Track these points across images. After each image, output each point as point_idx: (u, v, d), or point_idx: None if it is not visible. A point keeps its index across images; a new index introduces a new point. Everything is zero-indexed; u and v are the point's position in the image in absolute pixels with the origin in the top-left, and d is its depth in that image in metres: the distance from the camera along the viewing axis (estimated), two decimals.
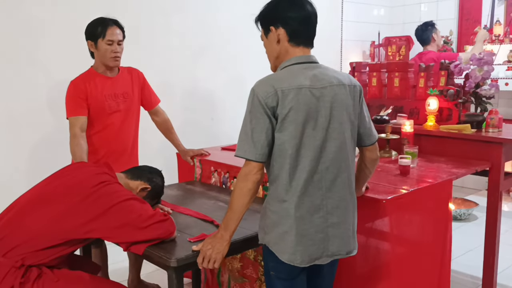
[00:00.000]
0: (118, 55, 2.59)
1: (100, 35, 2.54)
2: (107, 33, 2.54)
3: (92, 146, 2.58)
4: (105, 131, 2.61)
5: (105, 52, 2.55)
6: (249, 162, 1.60)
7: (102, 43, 2.54)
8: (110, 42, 2.54)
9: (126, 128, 2.70)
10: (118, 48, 2.58)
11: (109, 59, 2.57)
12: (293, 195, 1.59)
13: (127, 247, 1.75)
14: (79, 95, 2.53)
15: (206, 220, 2.09)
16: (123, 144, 2.70)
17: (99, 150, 2.61)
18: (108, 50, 2.55)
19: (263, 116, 1.57)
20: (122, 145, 2.70)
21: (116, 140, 2.65)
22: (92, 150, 2.57)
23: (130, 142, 2.74)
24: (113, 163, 2.32)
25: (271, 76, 1.66)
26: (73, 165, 1.99)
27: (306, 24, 1.67)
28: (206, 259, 1.67)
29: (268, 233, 1.66)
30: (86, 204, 1.74)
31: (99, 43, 2.55)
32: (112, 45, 2.55)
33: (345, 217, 1.67)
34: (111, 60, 2.57)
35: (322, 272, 1.77)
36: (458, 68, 2.89)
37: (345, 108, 1.65)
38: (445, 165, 2.55)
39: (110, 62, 2.58)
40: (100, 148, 2.62)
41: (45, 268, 1.72)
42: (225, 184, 2.70)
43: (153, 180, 2.08)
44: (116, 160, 2.52)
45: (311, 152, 1.59)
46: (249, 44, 4.62)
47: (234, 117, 4.53)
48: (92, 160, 2.52)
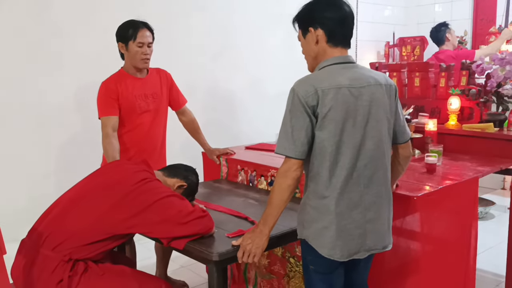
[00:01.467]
0: (148, 57, 2.65)
1: (131, 37, 2.61)
2: (138, 36, 2.60)
3: (123, 145, 2.64)
4: (136, 130, 2.68)
5: (136, 54, 2.61)
6: (288, 159, 1.65)
7: (133, 45, 2.61)
8: (140, 44, 2.61)
9: (156, 128, 2.76)
10: (147, 50, 2.64)
11: (139, 61, 2.63)
12: (333, 192, 1.64)
13: (168, 242, 1.81)
14: (110, 95, 2.60)
15: (239, 216, 2.14)
16: (152, 143, 2.77)
17: (130, 149, 2.68)
18: (138, 52, 2.61)
19: (303, 115, 1.62)
20: (152, 144, 2.76)
21: (146, 139, 2.72)
22: (123, 149, 2.63)
23: (159, 141, 2.81)
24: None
25: (310, 75, 1.71)
26: (113, 163, 2.05)
27: (344, 25, 1.72)
28: (246, 254, 1.72)
29: (307, 228, 1.71)
30: (128, 200, 1.80)
31: (130, 45, 2.62)
32: (142, 47, 2.61)
33: (382, 213, 1.72)
34: (141, 62, 2.64)
35: (358, 267, 1.82)
36: (480, 68, 2.93)
37: (382, 106, 1.70)
38: (470, 163, 2.59)
39: (140, 64, 2.65)
40: (131, 147, 2.68)
41: (90, 262, 1.79)
42: (252, 182, 2.75)
43: (189, 177, 2.13)
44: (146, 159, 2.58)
45: (350, 150, 1.64)
46: (268, 44, 4.70)
47: (253, 117, 4.61)
48: (123, 159, 2.57)
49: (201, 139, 2.99)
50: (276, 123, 4.40)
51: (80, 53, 3.49)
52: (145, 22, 2.68)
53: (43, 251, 1.75)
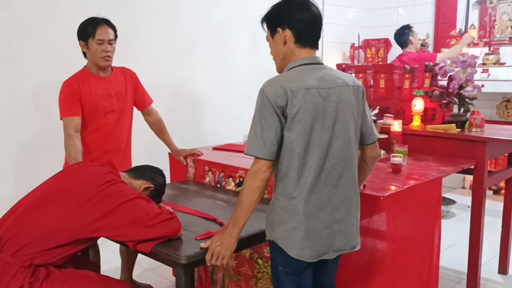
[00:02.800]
0: (109, 54, 2.58)
1: (91, 34, 2.53)
2: (97, 33, 2.53)
3: (86, 147, 2.57)
4: (100, 131, 2.61)
5: (96, 51, 2.54)
6: (258, 160, 1.64)
7: (93, 43, 2.54)
8: (100, 41, 2.53)
9: (120, 128, 2.70)
10: (109, 47, 2.57)
11: (100, 58, 2.56)
12: (302, 192, 1.64)
13: (134, 245, 1.77)
14: (73, 95, 2.52)
15: (207, 218, 2.12)
16: (117, 144, 2.70)
17: (93, 150, 2.61)
18: (98, 49, 2.54)
19: (272, 115, 1.62)
20: (117, 145, 2.70)
21: (110, 140, 2.65)
22: (86, 150, 2.56)
23: (124, 142, 2.75)
24: None
25: (280, 76, 1.70)
26: (77, 165, 1.99)
27: (312, 26, 1.73)
28: (214, 256, 1.70)
29: (276, 229, 1.71)
30: (93, 203, 1.74)
31: (90, 42, 2.54)
32: (102, 45, 2.54)
33: (350, 213, 1.74)
34: (102, 60, 2.56)
35: (327, 267, 1.83)
36: (443, 70, 3.01)
37: (349, 108, 1.71)
38: (433, 163, 2.65)
39: (101, 62, 2.57)
40: (94, 149, 2.61)
41: (52, 267, 1.73)
42: (220, 183, 2.73)
43: (156, 179, 2.09)
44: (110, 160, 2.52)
45: (318, 150, 1.65)
46: (235, 45, 4.68)
47: (219, 117, 4.58)
48: (86, 160, 2.50)
49: (168, 140, 2.94)
50: (243, 124, 4.42)
51: (41, 53, 3.37)
52: (105, 19, 2.60)
53: (3, 256, 1.68)
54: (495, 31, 5.05)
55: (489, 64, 4.84)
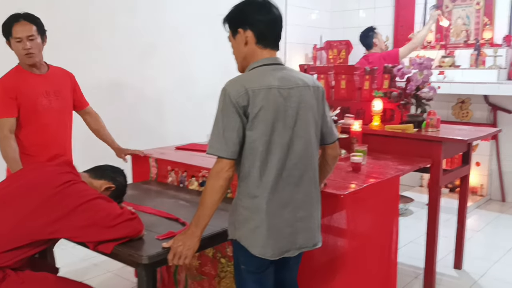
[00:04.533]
0: (31, 51, 2.44)
1: (9, 33, 2.43)
2: (13, 31, 2.42)
3: (28, 149, 2.50)
4: (40, 131, 2.52)
5: (17, 50, 2.45)
6: (220, 159, 1.65)
7: (13, 42, 2.44)
8: (18, 39, 2.42)
9: (62, 129, 2.64)
10: (29, 44, 2.42)
11: (23, 56, 2.45)
12: (264, 191, 1.66)
13: (94, 246, 1.74)
14: (8, 94, 2.42)
15: (170, 218, 2.11)
16: (61, 146, 2.64)
17: (37, 154, 2.52)
18: (19, 48, 2.43)
19: (234, 115, 1.63)
20: (60, 147, 2.63)
21: (53, 142, 2.58)
22: (28, 153, 2.49)
23: (67, 144, 2.69)
24: None
25: (241, 76, 1.72)
26: (33, 166, 1.94)
27: (273, 27, 1.75)
28: (177, 256, 1.70)
29: (239, 229, 1.72)
30: (51, 204, 1.71)
31: (11, 41, 2.45)
32: (21, 42, 2.42)
33: (312, 211, 1.77)
34: (25, 57, 2.45)
35: (288, 265, 1.85)
36: (401, 72, 3.10)
37: (310, 108, 1.74)
38: (391, 162, 2.72)
39: (25, 60, 2.47)
40: (37, 152, 2.52)
41: (9, 270, 1.68)
42: (183, 183, 2.72)
43: (117, 179, 2.07)
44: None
45: (280, 150, 1.67)
46: (197, 44, 4.66)
47: (181, 117, 4.55)
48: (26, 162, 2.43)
49: (109, 137, 2.89)
50: (205, 123, 4.39)
51: None
52: (25, 13, 2.46)
53: None
54: (450, 35, 5.23)
55: (445, 66, 5.01)
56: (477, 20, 5.08)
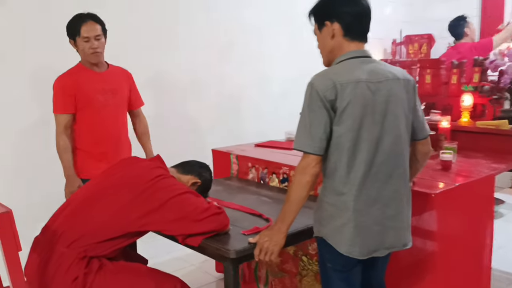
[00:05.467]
0: (98, 50, 2.55)
1: (77, 33, 2.52)
2: (81, 30, 2.50)
3: (83, 144, 2.61)
4: (96, 127, 2.61)
5: (84, 49, 2.53)
6: (307, 155, 1.62)
7: (80, 41, 2.52)
8: (86, 39, 2.51)
9: (117, 126, 2.70)
10: (95, 43, 2.53)
11: (89, 55, 2.55)
12: (351, 188, 1.62)
13: (183, 239, 1.79)
14: (67, 91, 2.53)
15: (253, 214, 2.12)
16: (116, 142, 2.70)
17: (92, 148, 2.62)
18: (86, 47, 2.52)
19: (321, 110, 1.60)
20: (115, 142, 2.69)
21: (108, 137, 2.65)
22: (84, 147, 2.61)
23: (121, 141, 2.74)
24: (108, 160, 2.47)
25: (328, 70, 1.68)
26: (128, 160, 2.02)
27: (361, 19, 1.70)
28: (263, 251, 1.69)
29: (324, 226, 1.69)
30: (143, 198, 1.77)
31: (78, 41, 2.54)
32: (89, 42, 2.51)
33: (401, 210, 1.70)
34: (91, 56, 2.55)
35: (376, 264, 1.79)
36: (494, 64, 2.91)
37: (400, 102, 1.67)
38: (484, 160, 2.56)
39: (91, 59, 2.56)
40: (92, 146, 2.62)
41: (104, 259, 1.77)
42: (263, 179, 2.72)
43: (203, 174, 2.11)
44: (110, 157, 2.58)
45: (368, 145, 1.61)
46: (274, 43, 4.66)
47: (258, 114, 4.58)
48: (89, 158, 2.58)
49: (149, 146, 2.91)
50: (280, 121, 4.40)
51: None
52: (91, 14, 2.56)
53: (59, 248, 1.73)
54: None
55: None
56: None
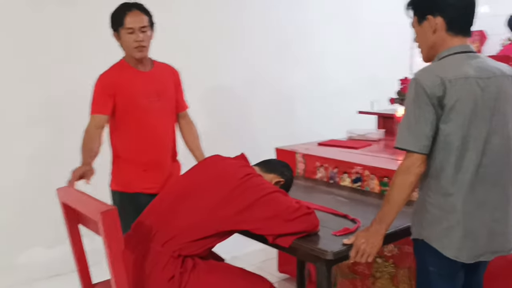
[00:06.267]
0: (143, 44, 2.26)
1: (121, 24, 2.24)
2: (125, 21, 2.23)
3: (127, 152, 2.36)
4: (140, 134, 2.33)
5: (128, 42, 2.25)
6: (411, 154, 1.56)
7: (124, 33, 2.24)
8: (131, 30, 2.23)
9: (163, 132, 2.42)
10: (141, 36, 2.24)
11: (133, 49, 2.26)
12: (460, 189, 1.55)
13: (273, 239, 1.75)
14: (106, 91, 2.27)
15: (337, 214, 2.06)
16: (163, 151, 2.42)
17: (136, 158, 2.35)
18: (130, 39, 2.23)
19: (428, 107, 1.53)
20: (163, 152, 2.42)
21: (155, 145, 2.37)
22: (129, 157, 2.35)
23: (170, 148, 2.46)
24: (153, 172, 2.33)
25: (432, 65, 1.62)
26: (215, 158, 1.99)
27: (467, 12, 1.62)
28: (360, 253, 1.64)
29: (426, 228, 1.62)
30: (235, 195, 1.74)
31: (121, 33, 2.25)
32: (133, 34, 2.23)
33: (508, 213, 1.62)
34: (135, 50, 2.26)
35: (478, 269, 1.72)
36: None
37: (509, 100, 1.60)
38: None
39: (134, 53, 2.27)
40: (138, 155, 2.35)
41: (197, 258, 1.75)
42: (333, 179, 2.66)
43: (285, 173, 2.07)
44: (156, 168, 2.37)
45: (477, 145, 1.55)
46: (329, 43, 4.61)
47: (313, 114, 4.53)
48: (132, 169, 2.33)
49: (200, 153, 2.55)
50: (333, 121, 4.33)
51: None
52: (136, 3, 2.30)
53: (154, 246, 1.71)
54: None
55: None
56: None
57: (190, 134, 2.57)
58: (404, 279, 2.35)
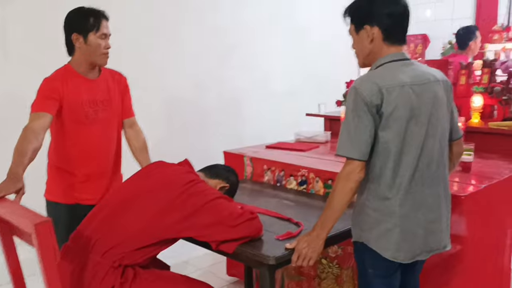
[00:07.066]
0: (109, 51, 2.24)
1: (93, 27, 2.17)
2: (102, 25, 2.18)
3: (68, 162, 2.23)
4: (82, 144, 2.23)
5: (98, 47, 2.18)
6: (351, 161, 1.59)
7: (95, 37, 2.17)
8: (103, 35, 2.19)
9: (107, 142, 2.31)
10: (109, 43, 2.23)
11: (100, 56, 2.20)
12: (397, 193, 1.60)
13: (217, 245, 1.74)
14: (52, 93, 2.13)
15: (281, 218, 2.08)
16: (105, 163, 2.31)
17: (76, 169, 2.23)
18: (101, 45, 2.18)
19: (366, 115, 1.57)
20: (104, 163, 2.30)
21: (96, 156, 2.26)
22: (67, 168, 2.23)
23: (112, 160, 2.34)
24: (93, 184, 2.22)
25: (370, 74, 1.65)
26: (157, 164, 1.95)
27: (402, 21, 1.67)
28: (301, 257, 1.66)
29: (366, 231, 1.66)
30: (178, 203, 1.72)
31: (91, 37, 2.17)
32: (104, 40, 2.20)
33: (442, 212, 1.69)
34: (102, 57, 2.21)
35: (414, 268, 1.78)
36: (505, 65, 2.93)
37: (442, 104, 1.66)
38: (501, 161, 2.58)
39: (101, 60, 2.22)
40: (77, 166, 2.23)
41: (138, 268, 1.70)
42: (280, 182, 2.69)
43: (230, 178, 2.06)
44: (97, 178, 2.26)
45: (413, 150, 1.60)
46: (273, 44, 4.64)
47: (258, 116, 4.55)
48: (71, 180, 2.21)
49: (147, 161, 2.41)
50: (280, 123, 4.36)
51: None
52: (102, 10, 2.24)
53: (93, 256, 1.66)
54: None
55: None
56: None
57: (137, 144, 2.44)
58: (348, 279, 2.40)
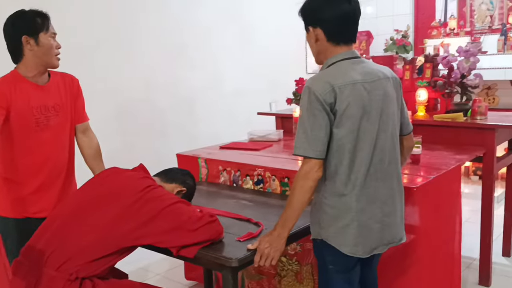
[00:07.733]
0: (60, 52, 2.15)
1: (43, 27, 2.07)
2: (50, 25, 2.10)
3: (17, 173, 2.11)
4: (33, 153, 2.12)
5: (50, 48, 2.09)
6: (309, 160, 1.61)
7: (46, 38, 2.08)
8: (54, 35, 2.11)
9: (59, 150, 2.21)
10: (59, 43, 2.15)
11: (54, 56, 2.12)
12: (353, 189, 1.63)
13: (177, 251, 1.71)
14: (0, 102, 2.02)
15: (240, 219, 2.07)
16: (57, 171, 2.20)
17: (26, 179, 2.12)
18: (53, 45, 2.10)
19: (321, 113, 1.59)
20: (56, 172, 2.20)
21: (47, 165, 2.16)
22: (17, 179, 2.11)
23: (65, 167, 2.24)
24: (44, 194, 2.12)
25: (322, 73, 1.68)
26: (111, 171, 1.89)
27: (345, 24, 1.69)
28: (263, 257, 1.67)
29: (325, 228, 1.68)
30: (135, 209, 1.67)
31: (42, 38, 2.07)
32: (54, 39, 2.13)
33: (396, 205, 1.74)
34: (55, 58, 2.13)
35: (372, 262, 1.82)
36: (446, 60, 3.06)
37: (392, 100, 1.71)
38: (446, 152, 2.69)
39: (55, 61, 2.13)
40: (28, 177, 2.13)
41: (96, 279, 1.65)
42: (236, 182, 2.68)
43: (187, 182, 2.03)
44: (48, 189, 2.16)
45: (367, 145, 1.64)
46: (225, 43, 4.63)
47: (211, 116, 4.52)
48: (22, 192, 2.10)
49: (100, 168, 2.31)
50: (234, 122, 4.36)
51: None
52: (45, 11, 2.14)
53: (47, 271, 1.59)
54: (474, 21, 5.19)
55: None
56: (501, 5, 5.04)
57: (90, 151, 2.34)
58: (308, 275, 2.43)
